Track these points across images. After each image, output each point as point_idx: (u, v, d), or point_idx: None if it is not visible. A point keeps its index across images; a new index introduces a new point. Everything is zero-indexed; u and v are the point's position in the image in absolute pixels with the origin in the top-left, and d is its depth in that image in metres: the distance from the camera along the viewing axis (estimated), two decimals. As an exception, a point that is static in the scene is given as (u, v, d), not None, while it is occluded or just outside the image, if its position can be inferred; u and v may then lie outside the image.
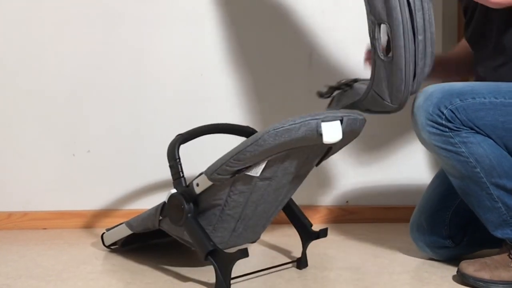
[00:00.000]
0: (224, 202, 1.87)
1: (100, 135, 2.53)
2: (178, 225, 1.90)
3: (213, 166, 1.81)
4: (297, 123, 1.72)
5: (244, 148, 1.74)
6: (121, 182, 2.53)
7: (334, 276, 1.97)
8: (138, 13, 2.51)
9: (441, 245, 2.05)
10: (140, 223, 2.05)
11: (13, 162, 2.53)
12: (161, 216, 1.97)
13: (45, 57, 2.51)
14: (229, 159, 1.77)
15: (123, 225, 2.13)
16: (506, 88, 1.83)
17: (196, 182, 1.87)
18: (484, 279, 1.84)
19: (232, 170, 1.78)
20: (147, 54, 2.52)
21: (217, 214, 1.90)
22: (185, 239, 1.95)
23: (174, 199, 1.90)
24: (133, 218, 2.09)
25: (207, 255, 1.83)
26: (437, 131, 1.81)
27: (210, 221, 1.91)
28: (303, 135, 1.72)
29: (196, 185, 1.87)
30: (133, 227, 2.09)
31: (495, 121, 1.80)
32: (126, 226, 2.11)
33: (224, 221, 1.92)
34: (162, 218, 1.97)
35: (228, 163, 1.77)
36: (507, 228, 1.86)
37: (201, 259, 1.84)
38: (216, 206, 1.88)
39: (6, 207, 2.53)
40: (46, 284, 1.93)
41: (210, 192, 1.86)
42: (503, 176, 1.82)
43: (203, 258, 1.84)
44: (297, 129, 1.71)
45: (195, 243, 1.87)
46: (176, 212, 1.89)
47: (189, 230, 1.88)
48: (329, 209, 2.58)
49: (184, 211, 1.87)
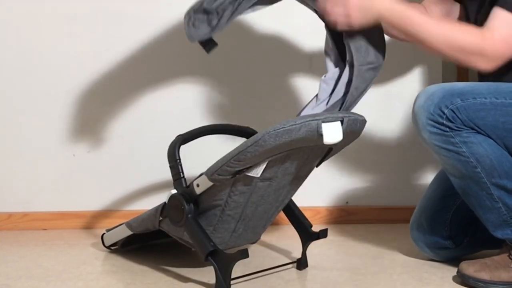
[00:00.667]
0: (225, 202, 1.87)
1: (100, 135, 2.53)
2: (178, 226, 1.90)
3: (214, 166, 1.81)
4: (298, 123, 1.72)
5: (244, 149, 1.74)
6: (121, 182, 2.53)
7: (334, 277, 1.97)
8: (138, 12, 2.51)
9: (442, 245, 2.05)
10: (140, 223, 2.05)
11: (13, 162, 2.53)
12: (161, 216, 1.97)
13: (45, 57, 2.51)
14: (230, 160, 1.77)
15: (123, 225, 2.13)
16: (507, 89, 1.83)
17: (196, 183, 1.87)
18: (484, 280, 1.84)
19: (232, 171, 1.78)
20: (147, 54, 2.53)
21: (218, 214, 1.90)
22: (185, 239, 1.95)
23: (174, 199, 1.90)
24: (133, 218, 2.09)
25: (207, 256, 1.83)
26: (438, 130, 1.81)
27: (210, 222, 1.91)
28: (303, 136, 1.72)
29: (197, 186, 1.87)
30: (133, 227, 2.09)
31: (496, 121, 1.80)
32: (126, 226, 2.11)
33: (224, 221, 1.92)
34: (163, 219, 1.97)
35: (229, 163, 1.77)
36: (507, 228, 1.86)
37: (201, 259, 1.84)
38: (216, 207, 1.88)
39: (6, 207, 2.53)
40: (46, 284, 1.93)
41: (211, 193, 1.86)
42: (503, 176, 1.82)
43: (203, 258, 1.84)
44: (297, 129, 1.72)
45: (195, 244, 1.87)
46: (176, 212, 1.89)
47: (189, 231, 1.88)
48: (329, 210, 2.58)
49: (184, 212, 1.87)
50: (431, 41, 1.80)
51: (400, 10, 1.81)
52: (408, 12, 1.81)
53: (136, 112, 2.53)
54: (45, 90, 2.51)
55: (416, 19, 1.80)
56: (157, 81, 2.52)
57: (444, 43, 1.78)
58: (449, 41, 1.78)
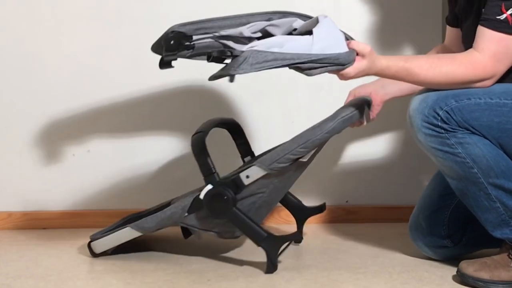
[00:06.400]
0: (268, 190, 1.99)
1: (100, 135, 2.53)
2: (222, 218, 1.98)
3: (272, 157, 1.94)
4: (353, 111, 1.97)
5: (314, 137, 1.91)
6: (121, 182, 2.53)
7: (334, 276, 1.97)
8: (139, 12, 2.51)
9: (440, 244, 2.05)
10: (158, 223, 2.06)
11: (13, 162, 2.53)
12: (187, 213, 2.03)
13: (45, 57, 2.51)
14: (296, 148, 1.92)
15: (127, 228, 2.10)
16: (501, 89, 1.84)
17: (246, 174, 1.97)
18: (484, 279, 1.84)
19: (294, 158, 1.93)
20: (148, 54, 2.52)
21: (256, 201, 2.01)
22: (215, 230, 2.03)
23: (217, 193, 1.97)
24: (142, 220, 2.08)
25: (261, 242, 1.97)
26: (433, 132, 1.81)
27: (248, 210, 2.01)
28: (353, 121, 1.98)
29: (246, 177, 1.97)
30: (146, 228, 2.08)
31: (491, 121, 1.81)
32: (133, 229, 2.09)
33: (258, 208, 2.03)
34: (188, 215, 2.03)
35: (294, 151, 1.92)
36: (506, 228, 1.86)
37: (255, 245, 1.98)
38: (257, 194, 2.00)
39: (6, 207, 2.54)
40: (46, 283, 1.93)
41: (259, 182, 1.98)
42: (500, 176, 1.83)
43: (258, 245, 1.97)
44: (355, 116, 1.97)
45: (247, 232, 1.99)
46: (220, 205, 1.97)
47: (238, 221, 1.98)
48: (329, 209, 2.57)
49: (229, 203, 1.97)
50: (431, 84, 1.85)
51: (395, 66, 1.85)
52: (403, 64, 1.85)
53: (137, 112, 2.53)
54: (45, 89, 2.51)
55: (412, 70, 1.84)
56: (158, 80, 2.52)
57: (443, 82, 1.83)
58: (446, 80, 1.83)
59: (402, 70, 1.85)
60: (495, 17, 1.81)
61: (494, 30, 1.81)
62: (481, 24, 1.84)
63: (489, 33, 1.82)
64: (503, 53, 1.82)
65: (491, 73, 1.83)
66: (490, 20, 1.82)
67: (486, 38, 1.82)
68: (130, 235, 2.11)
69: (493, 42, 1.82)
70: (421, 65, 1.84)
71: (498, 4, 1.81)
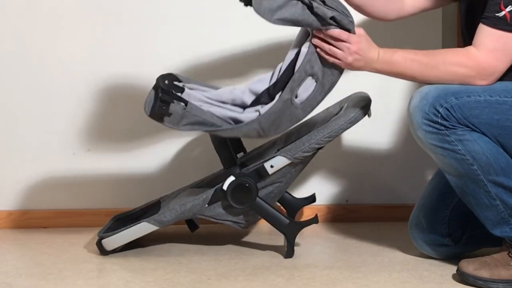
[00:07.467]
0: (286, 179, 2.08)
1: (100, 134, 2.53)
2: (246, 207, 2.06)
3: (296, 146, 2.03)
4: (368, 100, 2.10)
5: (338, 127, 2.01)
6: (121, 181, 2.53)
7: (334, 275, 1.97)
8: (139, 12, 2.51)
9: (440, 243, 2.05)
10: (177, 216, 2.10)
11: (13, 162, 2.53)
12: (207, 204, 2.09)
13: (45, 56, 2.51)
14: (321, 138, 2.02)
15: (143, 223, 2.10)
16: (501, 87, 1.85)
17: (270, 164, 2.06)
18: (484, 278, 1.85)
19: (318, 147, 2.03)
20: (148, 53, 2.53)
21: (273, 191, 2.10)
22: (233, 220, 2.10)
23: (241, 183, 2.05)
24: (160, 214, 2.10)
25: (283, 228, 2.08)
26: (433, 129, 1.82)
27: (265, 199, 2.09)
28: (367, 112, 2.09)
29: (270, 167, 2.06)
30: (165, 222, 2.10)
31: (490, 119, 1.81)
32: (149, 223, 2.10)
33: (275, 196, 2.12)
34: (208, 206, 2.09)
35: (319, 141, 2.02)
36: (506, 226, 1.86)
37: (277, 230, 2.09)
38: (275, 184, 2.09)
39: (6, 206, 2.53)
40: (46, 282, 1.93)
41: (282, 171, 2.07)
42: (500, 173, 1.83)
43: (280, 231, 2.09)
44: (369, 105, 2.07)
45: (270, 219, 2.09)
46: (243, 194, 2.05)
47: (261, 209, 2.08)
48: (329, 208, 2.58)
49: (253, 193, 2.05)
50: (429, 80, 1.88)
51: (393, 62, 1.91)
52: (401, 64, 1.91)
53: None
54: (45, 89, 2.51)
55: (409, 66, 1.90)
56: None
57: (439, 77, 1.87)
58: (444, 77, 1.87)
59: (401, 69, 1.91)
60: (494, 15, 1.82)
61: (493, 27, 1.82)
62: (481, 21, 1.85)
63: (487, 30, 1.83)
64: (501, 50, 1.83)
65: (486, 69, 1.84)
66: (490, 18, 1.83)
67: (484, 35, 1.84)
68: (146, 230, 2.12)
69: (490, 38, 1.83)
70: (418, 63, 1.89)
71: (498, 2, 1.81)
